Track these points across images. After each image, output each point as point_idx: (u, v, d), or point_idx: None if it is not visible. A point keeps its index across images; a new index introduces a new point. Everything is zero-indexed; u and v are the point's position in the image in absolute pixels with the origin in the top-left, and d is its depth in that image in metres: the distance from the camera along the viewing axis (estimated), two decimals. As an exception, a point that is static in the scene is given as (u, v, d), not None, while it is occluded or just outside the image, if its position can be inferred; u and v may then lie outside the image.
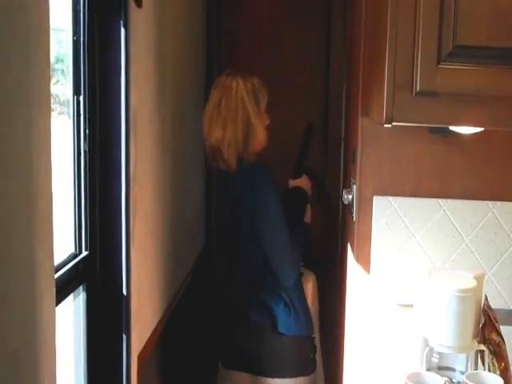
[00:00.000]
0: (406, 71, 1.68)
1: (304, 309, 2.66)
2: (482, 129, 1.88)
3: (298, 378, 2.64)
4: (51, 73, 1.25)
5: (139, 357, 2.21)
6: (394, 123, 1.73)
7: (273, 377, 2.60)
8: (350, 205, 2.41)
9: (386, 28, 1.68)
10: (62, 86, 1.96)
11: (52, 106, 1.88)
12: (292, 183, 2.74)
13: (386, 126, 1.76)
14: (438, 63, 1.66)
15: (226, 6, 3.54)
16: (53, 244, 1.28)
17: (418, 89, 1.68)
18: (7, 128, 1.11)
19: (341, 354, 2.63)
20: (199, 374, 3.38)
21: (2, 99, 1.08)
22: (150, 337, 2.40)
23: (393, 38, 1.67)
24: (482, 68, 1.67)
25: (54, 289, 1.30)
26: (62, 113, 1.97)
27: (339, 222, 3.12)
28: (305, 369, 2.68)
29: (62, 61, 1.94)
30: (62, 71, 1.96)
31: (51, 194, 1.28)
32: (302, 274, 2.78)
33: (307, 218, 2.79)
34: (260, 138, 2.52)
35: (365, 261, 2.27)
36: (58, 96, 1.96)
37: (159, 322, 2.56)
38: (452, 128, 1.90)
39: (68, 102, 1.89)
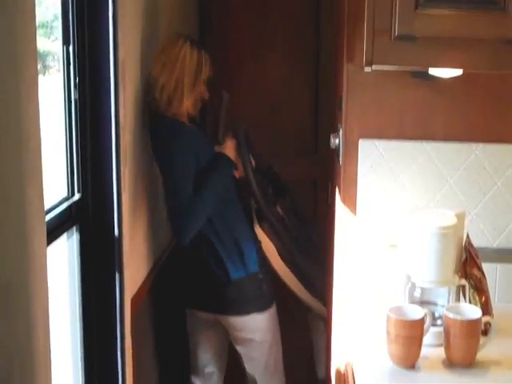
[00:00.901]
0: (384, 17, 1.74)
1: (245, 247, 2.75)
2: (460, 71, 1.94)
3: (252, 315, 2.80)
4: (50, 30, 1.31)
5: (133, 300, 2.30)
6: (373, 66, 1.80)
7: (228, 315, 2.79)
8: (337, 149, 2.47)
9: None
10: (48, 41, 1.99)
11: (51, 63, 1.94)
12: (217, 149, 2.77)
13: (366, 69, 1.82)
14: (416, 8, 1.72)
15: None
16: (42, 183, 1.35)
17: (396, 33, 1.74)
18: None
19: (330, 292, 2.72)
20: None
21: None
22: (143, 282, 2.49)
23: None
24: (458, 12, 1.74)
25: (45, 226, 1.37)
26: (51, 67, 2.01)
27: (329, 170, 3.17)
28: (258, 305, 2.82)
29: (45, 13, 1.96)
30: (46, 24, 1.98)
31: (40, 138, 1.34)
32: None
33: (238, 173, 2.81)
34: (187, 103, 2.62)
35: (351, 203, 2.34)
36: (56, 53, 1.98)
37: (152, 269, 2.66)
38: (431, 71, 1.95)
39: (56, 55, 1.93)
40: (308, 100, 3.52)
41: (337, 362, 2.52)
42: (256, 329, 2.86)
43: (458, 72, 1.95)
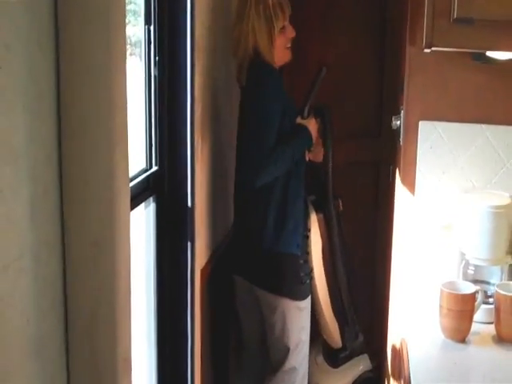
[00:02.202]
0: (444, 0, 1.83)
1: (292, 225, 2.64)
2: (517, 55, 2.02)
3: (284, 299, 2.67)
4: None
5: (202, 271, 2.45)
6: (433, 48, 1.90)
7: (260, 287, 2.69)
8: (398, 131, 2.57)
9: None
10: (133, 28, 2.10)
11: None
12: (299, 121, 2.71)
13: (426, 50, 1.92)
14: (475, -9, 1.80)
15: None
16: (128, 150, 1.50)
17: (455, 16, 1.84)
18: (90, 56, 1.34)
19: (388, 271, 2.81)
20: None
21: (87, 31, 1.30)
22: (210, 255, 2.63)
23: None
24: (516, -4, 1.81)
25: (129, 189, 1.52)
26: (133, 54, 2.13)
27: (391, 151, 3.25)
28: (293, 291, 2.70)
29: (134, 3, 2.09)
30: (134, 12, 2.10)
31: (126, 108, 1.48)
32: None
33: (317, 157, 2.81)
34: (268, 58, 2.57)
35: (410, 183, 2.43)
36: (129, 37, 2.06)
37: (219, 245, 2.78)
38: (489, 53, 2.04)
39: (140, 42, 2.06)
40: (373, 83, 3.59)
41: (393, 338, 2.63)
42: (288, 317, 2.70)
43: (514, 54, 2.04)
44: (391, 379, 2.58)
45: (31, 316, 1.34)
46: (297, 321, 2.73)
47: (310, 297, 2.79)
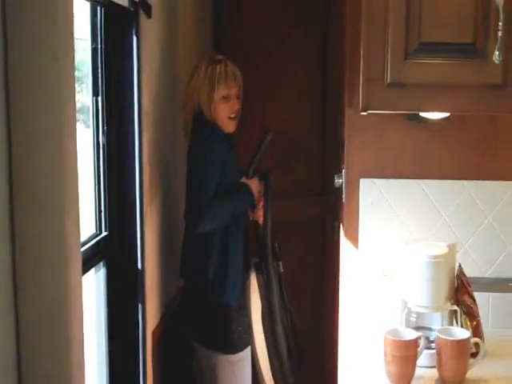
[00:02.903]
0: (378, 66, 1.97)
1: (231, 278, 2.70)
2: (448, 114, 2.15)
3: (214, 352, 2.70)
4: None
5: (153, 333, 2.48)
6: (369, 111, 2.01)
7: (194, 339, 2.75)
8: (340, 188, 2.67)
9: (360, 30, 1.96)
10: (77, 94, 2.18)
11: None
12: (243, 180, 2.82)
13: (362, 113, 2.04)
14: (406, 58, 1.94)
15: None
16: (79, 217, 1.56)
17: (388, 81, 1.96)
18: (42, 123, 1.40)
19: (336, 322, 2.88)
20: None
21: (37, 97, 1.37)
22: (161, 317, 2.67)
23: (366, 38, 1.96)
24: (444, 61, 1.96)
25: (81, 255, 1.58)
26: (79, 120, 2.19)
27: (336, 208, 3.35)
28: (220, 343, 2.72)
29: (79, 69, 2.16)
30: (78, 79, 2.18)
31: (77, 174, 1.55)
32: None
33: (258, 217, 2.87)
34: (209, 114, 2.70)
35: (353, 237, 2.53)
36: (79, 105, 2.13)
37: (170, 304, 2.83)
38: (422, 114, 2.17)
39: (84, 108, 2.13)
40: (316, 145, 3.73)
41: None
42: (218, 370, 2.73)
43: (446, 114, 2.17)
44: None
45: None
46: (228, 375, 2.74)
47: (246, 351, 2.79)
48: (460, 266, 2.33)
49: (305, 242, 3.72)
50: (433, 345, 2.16)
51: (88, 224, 2.14)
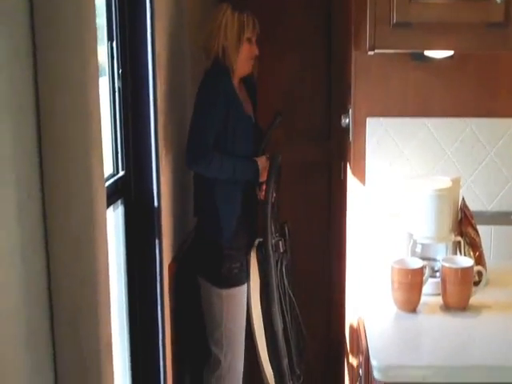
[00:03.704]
0: (384, 7, 2.04)
1: (226, 220, 2.80)
2: (451, 52, 2.22)
3: (204, 282, 2.84)
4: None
5: (169, 266, 2.60)
6: (376, 50, 2.09)
7: (198, 274, 2.89)
8: (347, 128, 2.75)
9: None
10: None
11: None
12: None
13: (369, 53, 2.11)
14: (411, -1, 2.00)
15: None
16: (103, 154, 1.65)
17: (394, 21, 2.03)
18: (67, 70, 1.48)
19: (343, 258, 3.00)
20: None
21: (62, 45, 1.45)
22: (176, 253, 2.78)
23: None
24: (447, 1, 2.02)
25: (105, 189, 1.67)
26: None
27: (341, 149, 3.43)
28: (208, 274, 2.84)
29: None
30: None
31: (100, 116, 1.63)
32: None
33: (261, 195, 2.91)
34: (238, 65, 2.82)
35: (361, 175, 2.62)
36: None
37: (185, 241, 2.94)
38: (426, 53, 2.24)
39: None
40: (322, 87, 3.78)
41: (350, 319, 2.82)
42: (208, 301, 2.87)
43: (450, 53, 2.24)
44: (350, 357, 2.77)
45: (20, 308, 1.47)
46: (217, 308, 2.85)
47: (236, 288, 2.86)
48: (463, 199, 2.43)
49: (311, 185, 3.80)
50: (437, 274, 2.27)
51: (106, 165, 2.22)
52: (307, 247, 3.78)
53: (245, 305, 2.92)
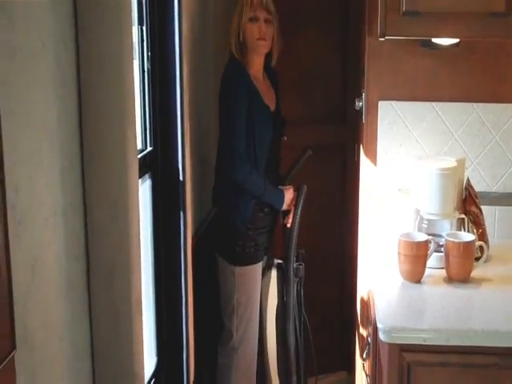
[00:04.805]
0: (394, -4, 2.19)
1: (244, 206, 2.93)
2: (457, 40, 2.38)
3: (220, 258, 3.00)
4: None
5: (192, 238, 2.77)
6: (386, 37, 2.25)
7: (215, 251, 3.04)
8: (361, 111, 2.91)
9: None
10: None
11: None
12: (281, 187, 3.05)
13: (380, 39, 2.27)
14: (420, -12, 2.16)
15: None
16: (136, 129, 1.83)
17: (403, 9, 2.18)
18: (106, 49, 1.66)
19: (356, 234, 3.16)
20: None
21: (101, 27, 1.63)
22: (197, 228, 2.96)
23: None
24: (454, -9, 2.17)
25: (137, 158, 1.85)
26: None
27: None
28: (224, 251, 2.99)
29: None
30: None
31: (134, 93, 1.81)
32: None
33: (287, 221, 3.06)
34: (234, 42, 2.89)
35: (373, 155, 2.79)
36: None
37: (206, 217, 3.11)
38: (433, 40, 2.40)
39: None
40: (338, 71, 3.93)
41: (361, 292, 2.99)
42: (223, 277, 3.02)
43: (456, 40, 2.40)
44: (360, 328, 2.94)
45: (63, 263, 1.66)
46: (230, 284, 3.00)
47: (249, 267, 3.00)
48: (468, 179, 2.59)
49: (327, 166, 3.95)
50: (442, 249, 2.43)
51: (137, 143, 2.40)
52: (323, 226, 3.95)
53: (258, 283, 3.08)
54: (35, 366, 1.50)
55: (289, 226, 3.07)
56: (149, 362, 2.53)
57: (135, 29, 2.34)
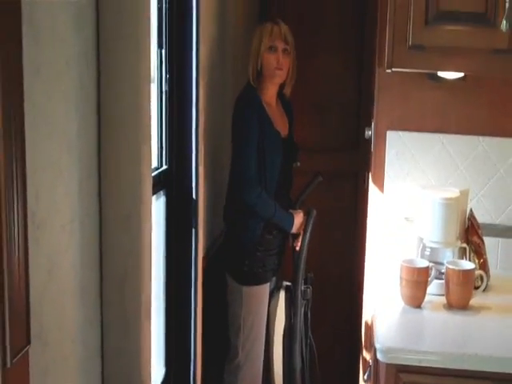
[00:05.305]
0: (402, 31, 2.31)
1: (253, 227, 3.02)
2: (461, 74, 2.48)
3: (229, 277, 3.09)
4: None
5: (205, 256, 2.87)
6: (393, 69, 2.35)
7: (227, 272, 3.12)
8: (370, 140, 3.01)
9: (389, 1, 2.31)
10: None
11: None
12: (291, 211, 3.14)
13: (387, 71, 2.38)
14: (426, 24, 2.27)
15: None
16: (151, 146, 1.94)
17: (410, 43, 2.29)
18: (123, 71, 1.78)
19: (363, 252, 3.24)
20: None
21: (121, 51, 1.75)
22: (208, 249, 3.06)
23: (393, 8, 2.30)
24: (458, 28, 2.29)
25: (151, 175, 1.95)
26: None
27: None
28: (232, 269, 3.08)
29: None
30: None
31: (150, 114, 1.92)
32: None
33: (296, 244, 3.17)
34: (252, 69, 3.00)
35: (380, 183, 2.87)
36: None
37: (220, 235, 3.21)
38: (440, 74, 2.50)
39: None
40: (352, 101, 4.06)
41: (366, 317, 3.06)
42: (231, 297, 3.10)
43: (460, 75, 2.50)
44: (364, 351, 3.01)
45: (77, 269, 1.76)
46: (237, 302, 3.08)
47: (257, 287, 3.08)
48: (471, 210, 2.67)
49: (339, 192, 4.06)
50: (443, 276, 2.51)
51: (152, 158, 2.51)
52: (334, 250, 4.05)
53: (265, 303, 3.16)
54: (48, 364, 1.60)
55: (298, 249, 3.17)
56: (157, 372, 2.62)
57: (155, 51, 2.47)
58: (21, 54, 1.29)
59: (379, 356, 2.17)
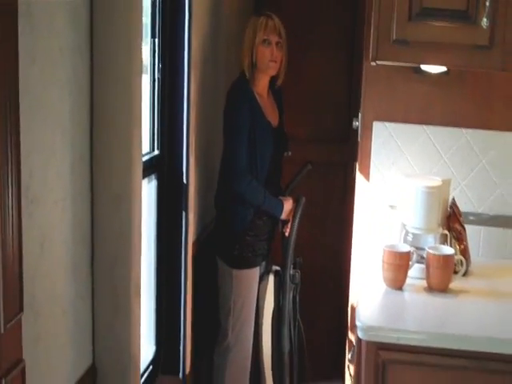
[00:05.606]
0: (386, 26, 2.39)
1: (243, 213, 3.11)
2: (444, 68, 2.57)
3: (219, 260, 3.16)
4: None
5: (197, 240, 2.96)
6: (377, 62, 2.44)
7: (218, 256, 3.20)
8: (357, 130, 3.10)
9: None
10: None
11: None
12: (281, 198, 3.21)
13: (371, 63, 2.46)
14: (409, 20, 2.35)
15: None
16: (141, 131, 2.03)
17: (394, 38, 2.38)
18: (116, 59, 1.87)
19: (350, 238, 3.33)
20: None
21: (114, 41, 1.84)
22: (201, 231, 3.15)
23: (379, 4, 2.38)
24: (441, 24, 2.37)
25: (142, 158, 2.05)
26: None
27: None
28: (222, 252, 3.16)
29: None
30: None
31: (141, 103, 2.01)
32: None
33: (285, 230, 3.25)
34: (245, 61, 3.06)
35: (366, 172, 2.96)
36: None
37: (211, 222, 3.30)
38: (423, 67, 2.59)
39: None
40: (344, 93, 4.15)
41: (352, 300, 3.15)
42: (221, 279, 3.19)
43: (443, 68, 2.59)
44: (349, 334, 3.10)
45: (69, 245, 1.85)
46: (227, 285, 3.17)
47: (247, 271, 3.17)
48: (453, 198, 2.75)
49: (329, 181, 4.15)
50: (424, 261, 2.60)
51: (144, 144, 2.59)
52: (323, 236, 4.14)
53: (255, 286, 3.25)
54: (40, 333, 1.70)
55: (287, 234, 3.26)
56: (147, 350, 2.72)
57: (148, 41, 2.55)
58: (17, 44, 1.37)
59: (360, 334, 2.26)
